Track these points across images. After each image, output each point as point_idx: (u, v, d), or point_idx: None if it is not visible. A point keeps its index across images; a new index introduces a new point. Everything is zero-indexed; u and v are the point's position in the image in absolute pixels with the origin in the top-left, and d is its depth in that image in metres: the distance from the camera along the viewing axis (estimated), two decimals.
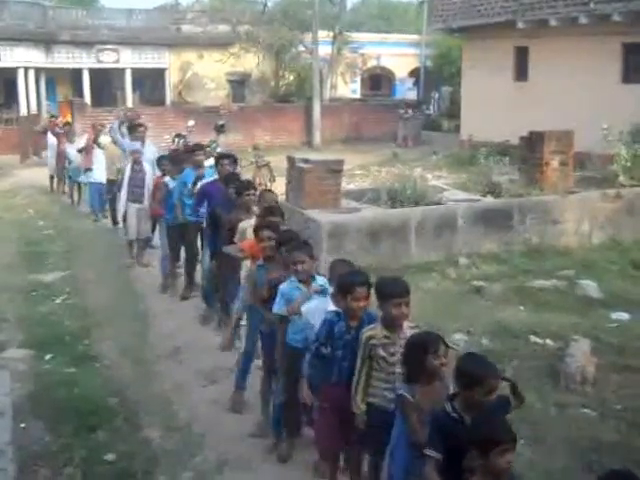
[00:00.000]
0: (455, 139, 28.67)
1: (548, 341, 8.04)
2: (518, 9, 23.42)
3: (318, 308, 5.29)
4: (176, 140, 15.89)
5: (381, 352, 4.66)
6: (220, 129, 14.77)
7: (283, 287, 5.57)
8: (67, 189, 18.55)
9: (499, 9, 24.41)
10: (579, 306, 9.27)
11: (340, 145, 29.73)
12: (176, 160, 10.51)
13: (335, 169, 11.14)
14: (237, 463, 5.74)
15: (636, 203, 12.68)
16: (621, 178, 13.68)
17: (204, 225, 9.03)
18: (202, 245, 9.58)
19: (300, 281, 5.50)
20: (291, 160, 11.48)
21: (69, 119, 24.04)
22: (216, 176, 9.07)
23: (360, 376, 4.78)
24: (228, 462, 5.74)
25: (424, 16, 34.21)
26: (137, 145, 12.10)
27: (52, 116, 23.06)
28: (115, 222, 13.94)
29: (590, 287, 9.81)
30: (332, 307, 5.11)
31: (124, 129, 13.09)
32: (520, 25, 23.40)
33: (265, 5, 36.77)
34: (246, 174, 14.39)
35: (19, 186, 20.73)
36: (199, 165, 9.90)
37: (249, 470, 5.66)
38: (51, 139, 19.12)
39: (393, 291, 4.65)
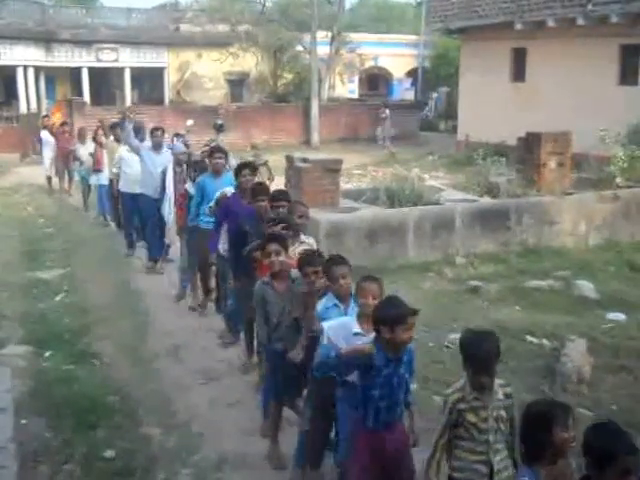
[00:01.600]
0: (452, 140, 28.73)
1: (544, 341, 8.09)
2: (516, 10, 23.46)
3: (342, 326, 4.75)
4: (175, 139, 15.86)
5: (472, 418, 4.03)
6: (219, 128, 14.78)
7: (317, 306, 5.10)
8: (68, 187, 18.42)
9: (497, 10, 24.44)
10: (575, 306, 9.33)
11: (338, 145, 29.73)
12: (200, 167, 9.51)
13: (333, 169, 11.20)
14: (236, 461, 5.77)
15: (632, 204, 12.75)
16: (618, 179, 13.74)
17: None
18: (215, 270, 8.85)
19: (339, 299, 5.01)
20: (290, 159, 11.52)
21: (65, 118, 23.49)
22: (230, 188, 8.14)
23: (438, 447, 4.10)
24: (227, 460, 5.77)
25: (422, 17, 34.19)
26: (179, 147, 11.48)
27: (45, 115, 22.60)
28: (119, 225, 13.51)
29: (586, 288, 9.86)
30: (357, 328, 4.67)
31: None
32: (518, 26, 23.44)
33: (264, 5, 36.77)
34: None
35: (19, 184, 20.71)
36: (218, 171, 8.84)
37: (248, 468, 5.69)
38: (47, 138, 18.71)
39: (489, 353, 4.02)
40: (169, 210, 10.63)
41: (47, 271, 11.46)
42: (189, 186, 9.43)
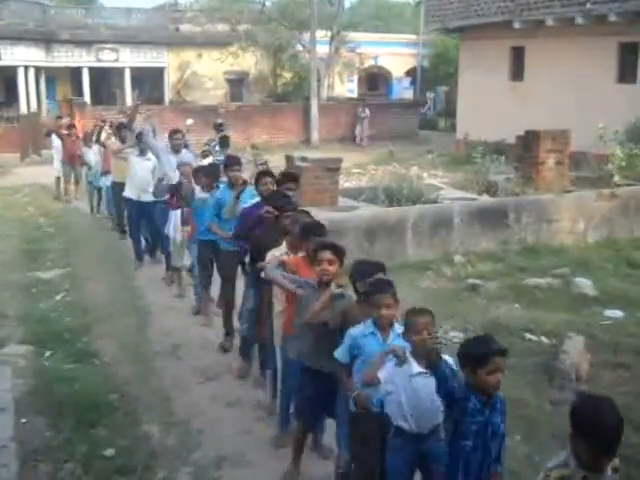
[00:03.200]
0: (451, 138, 28.74)
1: (543, 338, 8.12)
2: (514, 9, 23.48)
3: (399, 374, 4.35)
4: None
5: None
6: (219, 128, 14.77)
7: (354, 330, 4.72)
8: (74, 191, 18.15)
9: (495, 9, 24.46)
10: (574, 304, 9.35)
11: (337, 144, 29.78)
12: (212, 172, 9.05)
13: (332, 167, 11.22)
14: (236, 459, 5.80)
15: (631, 202, 12.77)
16: (616, 177, 13.76)
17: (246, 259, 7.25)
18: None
19: (378, 327, 4.65)
20: (289, 159, 11.54)
21: (73, 121, 22.18)
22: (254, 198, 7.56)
23: None
24: (227, 458, 5.80)
25: (421, 16, 34.19)
26: (187, 157, 10.43)
27: (58, 117, 21.01)
28: (123, 231, 13.04)
29: (585, 285, 9.88)
30: (417, 368, 4.25)
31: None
32: (516, 25, 23.46)
33: (263, 5, 36.77)
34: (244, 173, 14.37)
35: (19, 184, 20.71)
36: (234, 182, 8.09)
37: (248, 466, 5.72)
38: (56, 142, 18.18)
39: (615, 430, 3.23)
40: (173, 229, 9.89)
41: (47, 271, 11.48)
42: (199, 193, 8.79)
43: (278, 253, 5.94)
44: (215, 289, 9.06)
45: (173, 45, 37.16)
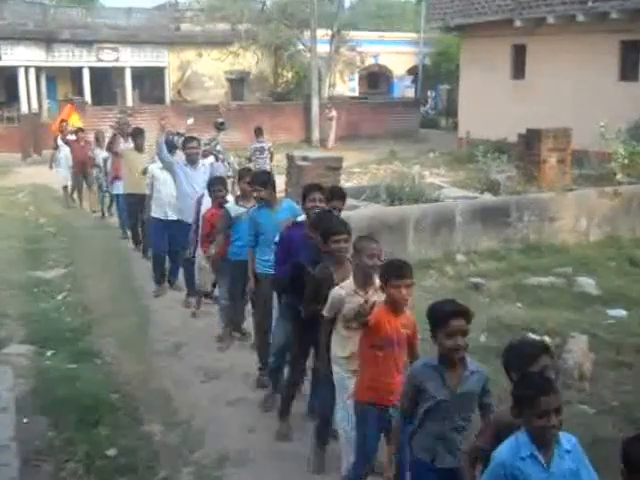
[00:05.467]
0: (453, 137, 28.74)
1: (546, 337, 8.07)
2: (516, 7, 23.48)
3: None
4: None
5: None
6: (220, 127, 14.74)
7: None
8: (81, 196, 17.12)
9: (496, 7, 24.46)
10: (576, 303, 9.34)
11: (338, 143, 29.77)
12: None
13: (334, 166, 11.22)
14: (237, 458, 5.77)
15: (633, 201, 12.75)
16: (618, 176, 13.77)
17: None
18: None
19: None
20: (290, 158, 11.54)
21: (80, 124, 20.14)
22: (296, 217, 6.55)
23: None
24: (229, 457, 5.78)
25: (422, 14, 34.20)
26: (219, 169, 9.72)
27: (63, 120, 19.22)
28: (137, 242, 12.41)
29: (587, 284, 9.87)
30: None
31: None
32: (518, 23, 23.48)
33: (264, 4, 36.80)
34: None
35: (20, 184, 20.71)
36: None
37: (249, 465, 5.70)
38: (64, 149, 17.06)
39: None
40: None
41: (49, 270, 11.49)
42: (230, 205, 7.84)
43: (344, 292, 5.01)
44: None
45: (174, 45, 37.17)
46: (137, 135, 11.82)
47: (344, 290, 5.02)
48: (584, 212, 12.38)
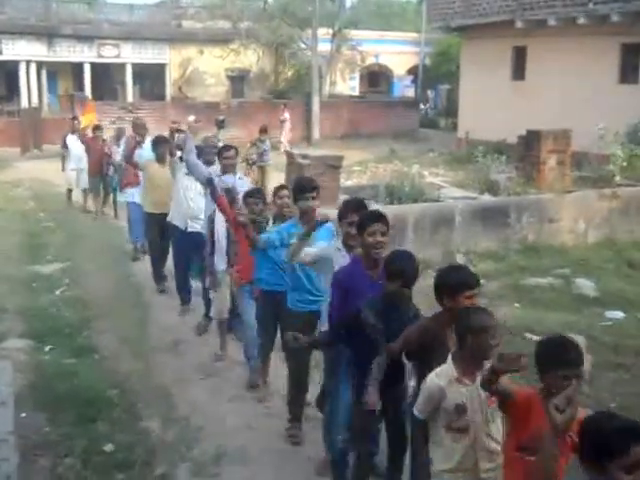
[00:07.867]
0: (453, 137, 28.75)
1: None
2: (517, 9, 23.49)
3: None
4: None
5: None
6: (220, 124, 14.74)
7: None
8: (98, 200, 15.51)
9: (497, 8, 24.48)
10: (574, 304, 9.36)
11: (338, 141, 29.77)
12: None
13: (334, 165, 11.22)
14: (235, 455, 5.78)
15: (632, 203, 12.77)
16: (617, 178, 13.78)
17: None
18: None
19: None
20: (290, 156, 11.54)
21: (97, 121, 16.96)
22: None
23: None
24: (227, 454, 5.79)
25: (423, 14, 34.23)
26: (230, 179, 7.78)
27: (74, 117, 17.34)
28: (160, 278, 10.29)
29: (586, 285, 9.90)
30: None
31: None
32: (519, 25, 23.49)
33: (265, 2, 36.81)
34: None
35: (20, 178, 20.71)
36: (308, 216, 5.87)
37: (247, 462, 5.70)
38: (73, 145, 15.93)
39: None
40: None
41: (47, 265, 11.47)
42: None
43: (443, 382, 3.92)
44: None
45: (175, 41, 37.17)
46: (158, 144, 9.88)
47: (442, 379, 3.89)
48: (583, 214, 12.40)
